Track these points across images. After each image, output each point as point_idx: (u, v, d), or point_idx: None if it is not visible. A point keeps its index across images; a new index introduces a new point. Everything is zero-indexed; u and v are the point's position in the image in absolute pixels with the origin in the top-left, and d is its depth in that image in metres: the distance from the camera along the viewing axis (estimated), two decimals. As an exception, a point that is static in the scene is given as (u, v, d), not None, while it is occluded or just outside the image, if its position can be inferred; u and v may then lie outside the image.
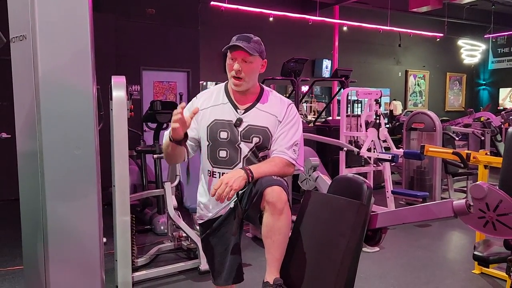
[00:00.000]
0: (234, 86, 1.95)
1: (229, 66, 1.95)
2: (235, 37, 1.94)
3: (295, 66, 6.61)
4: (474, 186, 1.47)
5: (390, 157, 4.61)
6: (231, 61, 1.93)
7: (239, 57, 1.91)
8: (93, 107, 2.15)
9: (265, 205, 1.76)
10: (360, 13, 10.60)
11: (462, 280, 3.48)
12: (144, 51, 7.27)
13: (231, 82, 1.95)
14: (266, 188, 1.76)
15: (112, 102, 2.86)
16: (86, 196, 2.15)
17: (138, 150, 4.67)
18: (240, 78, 1.92)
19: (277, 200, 1.75)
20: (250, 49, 1.88)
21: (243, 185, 1.79)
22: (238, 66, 1.90)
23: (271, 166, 1.90)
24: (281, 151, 1.95)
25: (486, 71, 14.55)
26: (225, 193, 1.74)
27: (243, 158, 1.95)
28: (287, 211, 1.79)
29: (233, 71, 1.92)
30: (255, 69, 1.95)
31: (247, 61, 1.91)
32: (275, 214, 1.76)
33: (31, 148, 2.09)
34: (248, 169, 1.83)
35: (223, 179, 1.77)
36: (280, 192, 1.77)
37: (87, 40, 2.09)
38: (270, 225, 1.77)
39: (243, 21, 8.56)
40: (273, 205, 1.75)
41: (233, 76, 1.93)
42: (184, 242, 3.93)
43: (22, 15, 2.03)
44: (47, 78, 2.04)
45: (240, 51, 1.89)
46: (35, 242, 2.12)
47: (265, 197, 1.75)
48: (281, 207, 1.76)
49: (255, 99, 2.01)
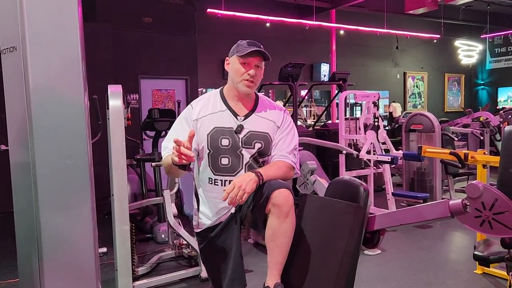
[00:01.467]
0: (245, 89, 1.95)
1: (240, 71, 1.95)
2: (246, 42, 1.97)
3: (293, 71, 6.62)
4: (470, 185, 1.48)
5: (390, 159, 4.60)
6: (244, 65, 1.95)
7: (253, 62, 1.95)
8: (85, 117, 2.15)
9: (271, 207, 1.77)
10: (357, 16, 10.63)
11: (464, 281, 3.46)
12: (142, 60, 7.29)
13: (243, 85, 1.95)
14: (274, 190, 1.77)
15: (109, 111, 2.87)
16: (80, 206, 2.14)
17: (137, 159, 4.67)
18: (252, 81, 1.95)
19: (284, 203, 1.76)
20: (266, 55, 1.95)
21: (255, 188, 1.80)
22: (254, 71, 1.94)
23: (277, 170, 1.93)
24: (283, 155, 1.98)
25: (484, 71, 14.56)
26: (238, 196, 1.75)
27: (245, 165, 1.96)
28: (293, 214, 1.81)
29: (245, 74, 1.94)
30: (262, 74, 2.02)
31: (259, 66, 1.97)
32: (281, 217, 1.77)
33: (24, 159, 2.09)
34: (258, 172, 1.84)
35: (235, 182, 1.78)
36: (288, 195, 1.78)
37: (78, 50, 2.10)
38: (275, 228, 1.78)
39: (240, 27, 8.59)
40: (280, 208, 1.76)
41: (247, 79, 1.94)
42: (185, 249, 3.92)
43: (12, 26, 2.04)
44: (38, 89, 2.05)
45: (257, 56, 1.94)
46: (29, 253, 2.11)
47: (272, 200, 1.76)
48: (288, 210, 1.77)
49: (253, 105, 2.03)
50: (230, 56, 2.01)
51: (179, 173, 1.92)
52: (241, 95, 2.00)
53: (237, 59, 1.95)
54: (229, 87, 2.04)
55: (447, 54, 13.64)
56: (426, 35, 11.40)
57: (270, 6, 9.42)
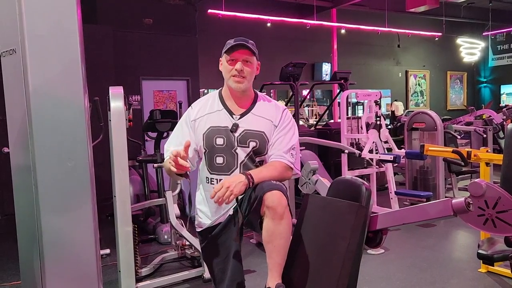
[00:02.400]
0: (235, 85, 1.95)
1: (228, 67, 1.95)
2: (232, 40, 1.96)
3: (294, 71, 6.60)
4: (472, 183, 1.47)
5: (392, 158, 4.59)
6: (231, 62, 1.94)
7: (240, 57, 1.93)
8: (85, 119, 2.16)
9: (265, 210, 1.76)
10: (358, 15, 10.61)
11: (468, 280, 3.45)
12: (143, 61, 7.29)
13: (232, 81, 1.95)
14: (266, 193, 1.76)
15: (110, 112, 2.87)
16: (81, 208, 2.15)
17: (139, 160, 4.67)
18: (242, 77, 1.93)
19: (277, 205, 1.75)
20: (253, 48, 1.93)
21: (243, 190, 1.79)
22: (241, 65, 1.93)
23: (271, 171, 1.91)
24: (280, 155, 1.96)
25: (486, 69, 14.51)
26: (225, 196, 1.75)
27: (240, 164, 1.95)
28: (288, 215, 1.79)
29: (233, 70, 1.93)
30: (254, 69, 1.98)
31: (248, 61, 1.95)
32: (276, 219, 1.75)
33: (25, 161, 2.10)
34: (248, 174, 1.83)
35: (223, 182, 1.78)
36: (280, 197, 1.76)
37: (77, 52, 2.11)
38: (271, 230, 1.76)
39: (241, 27, 8.57)
40: (274, 210, 1.74)
41: (235, 75, 1.93)
42: (188, 250, 3.92)
43: (11, 29, 2.05)
44: (38, 91, 2.05)
45: (242, 50, 1.92)
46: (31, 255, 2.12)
47: (265, 202, 1.75)
48: (281, 211, 1.75)
49: (250, 104, 2.02)
50: (221, 56, 2.01)
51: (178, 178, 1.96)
52: (237, 94, 1.99)
53: (225, 57, 1.97)
54: (225, 87, 2.04)
55: (449, 52, 13.60)
56: (427, 33, 11.36)
57: (271, 6, 9.41)
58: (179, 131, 2.03)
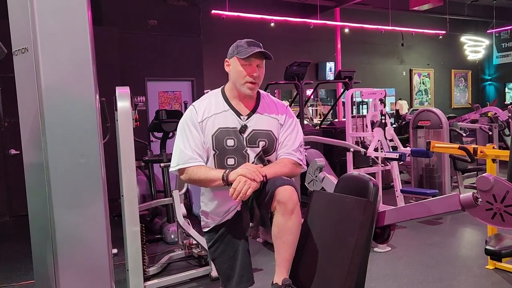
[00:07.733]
0: (249, 91, 1.95)
1: (243, 72, 1.94)
2: (245, 42, 1.95)
3: (298, 70, 6.61)
4: (480, 178, 1.47)
5: (398, 156, 4.58)
6: (246, 67, 1.93)
7: (255, 63, 1.94)
8: (97, 116, 2.18)
9: (276, 205, 1.78)
10: (361, 14, 10.61)
11: (476, 276, 3.44)
12: (148, 62, 7.34)
13: (246, 88, 1.95)
14: (278, 187, 1.78)
15: (117, 112, 2.89)
16: (93, 204, 2.16)
17: (145, 160, 4.69)
18: (255, 83, 1.95)
19: (288, 200, 1.76)
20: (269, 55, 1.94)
21: (259, 185, 1.81)
22: (258, 73, 1.94)
23: (282, 167, 1.94)
24: (289, 153, 2.00)
25: (491, 67, 14.46)
26: (243, 190, 1.76)
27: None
28: (298, 211, 1.80)
29: (247, 77, 1.93)
30: (264, 73, 2.00)
31: (261, 66, 1.96)
32: (286, 214, 1.77)
33: (37, 159, 2.12)
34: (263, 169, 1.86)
35: (240, 178, 1.79)
36: (292, 192, 1.78)
37: (88, 50, 2.13)
38: (281, 225, 1.78)
39: (245, 28, 8.60)
40: (284, 205, 1.76)
41: (250, 82, 1.94)
42: (195, 249, 3.93)
43: (23, 27, 2.07)
44: (50, 89, 2.07)
45: (259, 57, 1.93)
46: (44, 252, 2.14)
47: (276, 197, 1.77)
48: (292, 207, 1.77)
49: (255, 104, 2.04)
50: (230, 57, 1.99)
51: (212, 186, 1.95)
52: (242, 95, 2.00)
53: (238, 60, 1.94)
54: (230, 87, 2.03)
55: (453, 50, 13.56)
56: (431, 31, 11.34)
57: (275, 5, 9.43)
58: (189, 134, 1.97)
